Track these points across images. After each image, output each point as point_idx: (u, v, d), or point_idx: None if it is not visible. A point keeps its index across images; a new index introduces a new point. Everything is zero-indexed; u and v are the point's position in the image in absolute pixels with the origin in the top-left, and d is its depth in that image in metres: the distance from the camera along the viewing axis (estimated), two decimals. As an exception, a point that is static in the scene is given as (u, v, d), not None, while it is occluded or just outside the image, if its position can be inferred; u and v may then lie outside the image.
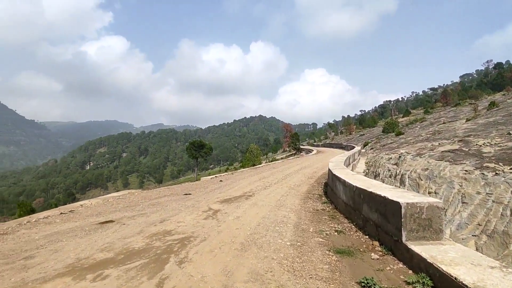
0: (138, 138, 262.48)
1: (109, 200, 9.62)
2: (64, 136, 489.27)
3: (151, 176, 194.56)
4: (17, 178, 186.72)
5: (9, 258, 4.29)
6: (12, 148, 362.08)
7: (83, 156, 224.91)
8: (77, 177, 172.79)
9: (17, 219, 6.92)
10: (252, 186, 13.21)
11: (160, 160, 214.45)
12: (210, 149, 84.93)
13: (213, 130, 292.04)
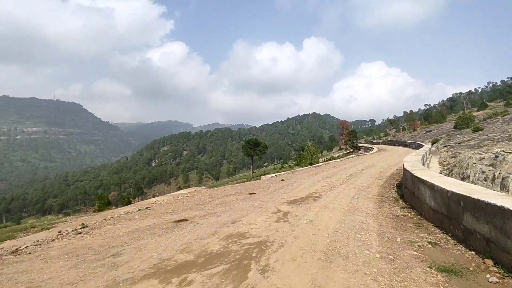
0: (197, 137, 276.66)
1: (179, 197, 9.95)
2: (133, 136, 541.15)
3: (208, 173, 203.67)
4: (96, 173, 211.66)
5: (99, 254, 4.50)
6: (92, 147, 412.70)
7: (149, 154, 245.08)
8: (144, 173, 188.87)
9: (101, 213, 7.45)
10: (317, 187, 12.59)
11: (217, 158, 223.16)
12: (265, 147, 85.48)
13: (267, 129, 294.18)
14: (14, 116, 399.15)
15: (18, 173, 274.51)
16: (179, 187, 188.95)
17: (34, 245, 5.21)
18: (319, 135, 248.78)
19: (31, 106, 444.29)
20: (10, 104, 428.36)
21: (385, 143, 75.23)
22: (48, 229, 26.15)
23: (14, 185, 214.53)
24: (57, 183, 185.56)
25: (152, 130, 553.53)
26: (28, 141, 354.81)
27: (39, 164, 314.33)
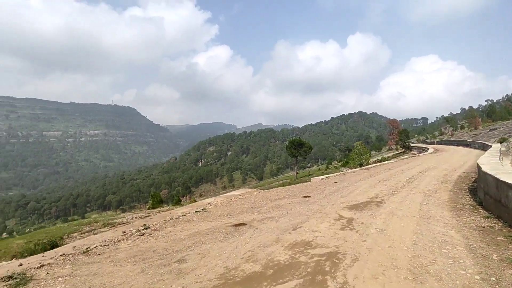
0: (241, 137, 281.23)
1: (232, 199, 9.83)
2: (181, 137, 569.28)
3: (252, 173, 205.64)
4: (148, 172, 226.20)
5: (164, 258, 4.43)
6: (145, 147, 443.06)
7: (196, 154, 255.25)
8: (192, 173, 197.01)
9: (161, 214, 7.52)
10: (376, 190, 11.64)
11: (260, 158, 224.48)
12: (309, 147, 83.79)
13: (310, 129, 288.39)
14: (79, 120, 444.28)
15: (83, 172, 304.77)
16: (224, 186, 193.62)
17: (103, 245, 5.36)
18: (365, 135, 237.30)
19: (93, 111, 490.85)
20: (75, 110, 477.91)
21: (441, 143, 69.09)
22: (109, 224, 27.60)
23: (79, 182, 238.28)
24: (115, 181, 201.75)
25: (199, 132, 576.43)
26: (91, 142, 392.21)
27: (99, 163, 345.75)
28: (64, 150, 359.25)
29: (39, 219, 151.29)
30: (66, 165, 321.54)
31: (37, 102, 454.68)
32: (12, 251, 21.61)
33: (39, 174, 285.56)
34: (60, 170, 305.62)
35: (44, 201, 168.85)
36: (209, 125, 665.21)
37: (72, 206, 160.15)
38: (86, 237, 6.39)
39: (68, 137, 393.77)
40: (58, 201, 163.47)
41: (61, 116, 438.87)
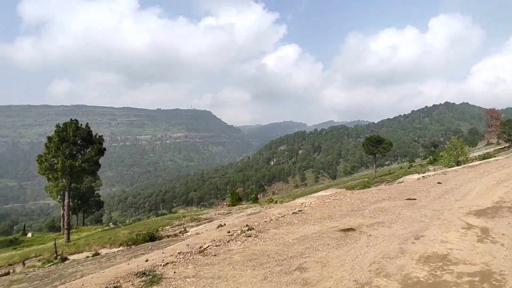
0: (312, 136, 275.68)
1: (326, 200, 9.28)
2: (253, 137, 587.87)
3: (325, 171, 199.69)
4: (224, 171, 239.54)
5: (282, 265, 4.22)
6: (220, 148, 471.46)
7: (268, 153, 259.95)
8: (265, 172, 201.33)
9: (259, 214, 7.41)
10: (498, 193, 9.65)
11: (333, 156, 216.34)
12: (389, 144, 77.14)
13: (387, 124, 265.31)
14: (165, 125, 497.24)
15: (169, 171, 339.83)
16: (296, 185, 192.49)
17: (215, 245, 5.43)
18: (454, 128, 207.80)
19: (176, 115, 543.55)
20: (162, 115, 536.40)
21: None
22: (195, 219, 29.48)
23: (166, 180, 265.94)
24: (196, 179, 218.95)
25: (270, 131, 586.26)
26: (174, 144, 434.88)
27: (182, 163, 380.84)
28: (153, 152, 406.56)
29: (136, 212, 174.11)
30: (155, 164, 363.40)
31: (132, 110, 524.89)
32: (119, 239, 24.81)
33: (134, 173, 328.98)
34: (151, 169, 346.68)
35: (139, 196, 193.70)
36: (279, 124, 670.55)
37: (161, 201, 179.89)
38: (195, 235, 6.61)
39: (156, 140, 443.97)
40: (150, 196, 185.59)
41: (150, 122, 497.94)
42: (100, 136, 30.04)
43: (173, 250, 5.64)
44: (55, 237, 41.46)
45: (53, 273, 11.72)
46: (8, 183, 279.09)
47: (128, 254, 11.92)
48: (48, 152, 26.43)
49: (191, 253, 5.21)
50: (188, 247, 5.56)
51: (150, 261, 5.01)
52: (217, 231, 6.32)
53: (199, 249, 5.44)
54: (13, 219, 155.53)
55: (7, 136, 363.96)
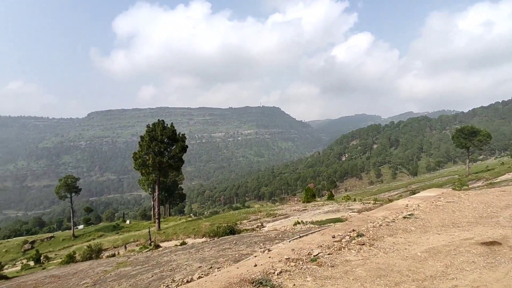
0: (387, 129, 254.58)
1: (436, 203, 7.85)
2: (323, 132, 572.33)
3: (403, 167, 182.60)
4: (294, 167, 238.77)
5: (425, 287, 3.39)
6: (290, 143, 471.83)
7: (339, 148, 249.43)
8: (336, 167, 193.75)
9: (358, 216, 6.57)
10: None
11: (413, 150, 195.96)
12: (486, 136, 65.95)
13: (480, 113, 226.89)
14: (236, 122, 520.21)
15: (241, 166, 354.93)
16: (371, 181, 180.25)
17: (326, 254, 4.77)
18: None
19: (246, 113, 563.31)
20: (233, 113, 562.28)
21: None
22: (271, 215, 29.42)
23: (239, 175, 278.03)
24: (266, 174, 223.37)
25: (340, 125, 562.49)
26: (245, 141, 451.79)
27: (253, 159, 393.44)
28: (226, 148, 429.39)
29: (213, 204, 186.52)
30: (228, 160, 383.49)
31: (206, 110, 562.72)
32: (202, 230, 26.29)
33: (210, 168, 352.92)
34: (225, 164, 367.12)
35: (215, 190, 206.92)
36: (350, 118, 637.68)
37: (235, 195, 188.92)
38: (296, 238, 6.16)
39: (229, 137, 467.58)
40: (225, 190, 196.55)
41: (223, 120, 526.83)
42: (183, 134, 32.46)
43: (279, 254, 5.19)
44: (148, 225, 46.72)
45: (151, 260, 12.81)
46: (109, 176, 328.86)
47: (214, 246, 12.31)
48: (141, 149, 29.67)
49: (302, 261, 4.70)
50: (295, 253, 5.10)
51: (259, 267, 4.66)
52: (320, 235, 5.70)
53: (309, 256, 4.90)
54: (114, 207, 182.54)
55: (107, 137, 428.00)
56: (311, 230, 10.39)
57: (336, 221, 17.03)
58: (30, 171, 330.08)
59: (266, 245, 8.64)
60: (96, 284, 9.74)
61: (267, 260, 4.92)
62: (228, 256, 8.10)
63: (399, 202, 8.05)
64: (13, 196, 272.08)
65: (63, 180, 49.65)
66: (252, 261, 4.80)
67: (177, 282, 6.31)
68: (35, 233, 79.79)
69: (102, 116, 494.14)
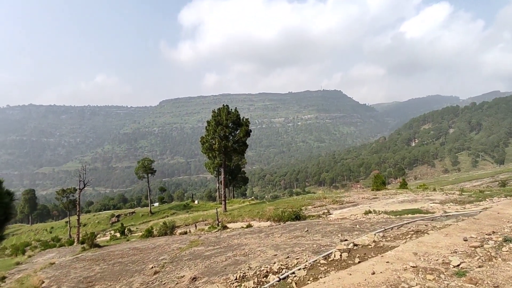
0: (467, 111, 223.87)
1: None
2: (389, 115, 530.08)
3: (487, 155, 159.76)
4: (357, 153, 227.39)
5: None
6: (352, 128, 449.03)
7: (408, 133, 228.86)
8: (404, 153, 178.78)
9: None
10: None
11: (499, 135, 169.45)
12: None
13: None
14: (296, 107, 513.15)
15: (301, 151, 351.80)
16: (446, 169, 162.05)
17: (475, 266, 3.63)
18: None
19: (306, 97, 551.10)
20: (292, 98, 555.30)
21: None
22: (337, 202, 27.93)
23: (299, 160, 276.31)
24: (327, 160, 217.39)
25: (409, 108, 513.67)
26: (305, 126, 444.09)
27: (313, 144, 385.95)
28: (286, 133, 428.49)
29: (273, 188, 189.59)
30: (288, 145, 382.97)
31: (266, 95, 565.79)
32: (266, 214, 26.45)
33: (270, 153, 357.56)
34: (285, 149, 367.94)
35: (275, 174, 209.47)
36: (422, 100, 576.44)
37: (295, 180, 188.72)
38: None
39: (288, 122, 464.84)
40: (285, 175, 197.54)
41: (282, 105, 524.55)
42: (246, 119, 32.75)
43: (399, 259, 4.10)
44: (215, 206, 49.35)
45: (222, 241, 13.12)
46: (179, 159, 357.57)
47: (284, 232, 12.02)
48: (207, 134, 30.85)
49: (443, 274, 3.48)
50: (420, 259, 4.00)
51: (380, 276, 3.64)
52: (447, 238, 4.59)
53: (448, 266, 3.65)
54: (184, 188, 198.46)
55: (176, 123, 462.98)
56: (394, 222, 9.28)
57: (416, 212, 15.31)
58: (114, 154, 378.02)
59: (344, 236, 7.94)
60: (173, 261, 10.25)
61: (385, 266, 3.95)
62: (304, 246, 7.62)
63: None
64: (102, 175, 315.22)
65: (141, 162, 55.15)
66: (365, 265, 3.86)
67: (254, 270, 6.07)
68: (119, 208, 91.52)
69: (171, 104, 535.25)
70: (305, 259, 6.00)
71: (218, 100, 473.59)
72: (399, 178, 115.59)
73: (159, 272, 9.27)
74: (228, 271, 6.82)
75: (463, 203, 13.95)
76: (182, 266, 8.95)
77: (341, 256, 5.51)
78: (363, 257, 5.29)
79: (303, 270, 5.15)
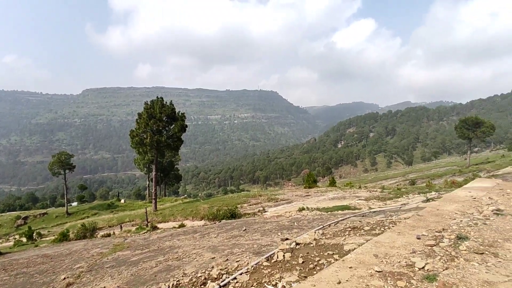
0: (385, 117, 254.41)
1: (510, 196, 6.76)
2: (319, 118, 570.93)
3: (399, 157, 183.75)
4: (290, 152, 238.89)
5: None
6: (286, 128, 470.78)
7: (335, 135, 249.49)
8: (332, 154, 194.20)
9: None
10: None
11: (409, 140, 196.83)
12: (490, 127, 65.89)
13: (478, 105, 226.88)
14: (233, 105, 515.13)
15: (236, 149, 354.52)
16: (366, 169, 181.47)
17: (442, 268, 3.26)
18: None
19: (243, 96, 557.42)
20: (230, 96, 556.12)
21: None
22: (272, 199, 28.36)
23: (234, 158, 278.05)
24: (262, 158, 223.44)
25: (337, 112, 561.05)
26: (242, 124, 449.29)
27: (249, 142, 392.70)
28: (222, 131, 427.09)
29: (207, 186, 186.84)
30: (224, 143, 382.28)
31: (203, 91, 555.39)
32: (200, 213, 25.46)
33: (205, 150, 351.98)
34: (220, 147, 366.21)
35: (210, 172, 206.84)
36: (348, 105, 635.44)
37: (229, 178, 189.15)
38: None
39: (225, 119, 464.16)
40: (220, 173, 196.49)
41: (220, 102, 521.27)
42: (182, 113, 31.17)
43: (361, 263, 3.74)
44: (144, 205, 45.95)
45: (152, 244, 11.91)
46: (104, 155, 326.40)
47: (221, 232, 11.43)
48: (138, 127, 28.38)
49: (411, 279, 3.18)
50: (383, 261, 3.62)
51: (346, 285, 3.24)
52: (401, 237, 4.43)
53: (413, 269, 3.37)
54: (108, 186, 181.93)
55: (102, 115, 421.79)
56: (329, 219, 9.49)
57: (345, 208, 16.29)
58: (24, 147, 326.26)
59: (284, 234, 7.74)
60: (92, 269, 8.82)
61: (350, 272, 3.54)
62: (243, 246, 7.15)
63: (461, 193, 7.09)
64: (7, 171, 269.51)
65: (57, 157, 48.26)
66: (328, 273, 3.50)
67: (189, 276, 5.36)
68: (28, 208, 78.95)
69: (96, 94, 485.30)
70: (246, 261, 5.55)
71: (152, 92, 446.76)
72: (327, 176, 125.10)
73: (73, 284, 7.81)
74: (159, 279, 5.96)
75: (384, 199, 15.30)
76: (102, 275, 7.69)
77: (284, 256, 5.20)
78: (306, 257, 5.06)
79: (246, 275, 4.68)
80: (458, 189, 7.69)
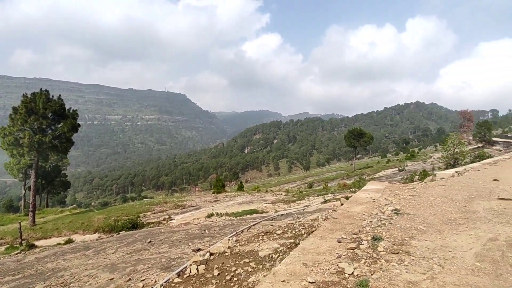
0: (287, 126, 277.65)
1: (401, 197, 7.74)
2: (228, 124, 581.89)
3: (298, 162, 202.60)
4: (197, 157, 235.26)
5: None
6: (194, 133, 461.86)
7: (243, 141, 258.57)
8: (239, 159, 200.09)
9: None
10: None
11: (307, 147, 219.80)
12: (370, 138, 79.46)
13: (361, 119, 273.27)
14: (136, 105, 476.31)
15: (139, 153, 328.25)
16: (270, 174, 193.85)
17: (370, 272, 3.50)
18: (423, 127, 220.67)
19: (149, 97, 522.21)
20: (133, 95, 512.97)
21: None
22: (179, 206, 27.10)
23: (136, 163, 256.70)
24: (167, 163, 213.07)
25: (245, 119, 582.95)
26: (146, 126, 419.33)
27: (153, 146, 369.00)
28: (123, 133, 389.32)
29: (102, 194, 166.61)
30: (124, 146, 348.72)
31: (101, 88, 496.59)
32: (94, 225, 22.34)
33: (102, 154, 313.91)
34: (120, 150, 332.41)
35: (106, 178, 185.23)
36: (255, 113, 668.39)
37: (130, 185, 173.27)
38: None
39: (127, 120, 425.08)
40: (118, 179, 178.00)
41: (121, 101, 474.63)
42: (74, 110, 27.03)
43: (292, 274, 3.40)
44: (17, 218, 37.57)
45: (28, 267, 9.67)
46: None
47: (121, 246, 10.11)
48: (13, 124, 23.14)
49: (343, 287, 3.15)
50: (313, 270, 3.47)
51: None
52: (324, 241, 4.43)
53: (343, 276, 3.30)
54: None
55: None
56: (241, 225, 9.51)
57: (254, 212, 16.77)
58: None
59: (196, 244, 7.30)
60: None
61: (283, 287, 3.20)
62: (149, 261, 6.39)
63: (361, 195, 7.92)
64: None
65: None
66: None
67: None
68: None
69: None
70: (153, 279, 4.95)
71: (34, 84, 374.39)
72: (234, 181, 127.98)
73: None
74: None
75: (289, 202, 16.40)
76: None
77: (198, 270, 4.85)
78: (222, 268, 4.85)
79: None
80: (359, 191, 8.76)
